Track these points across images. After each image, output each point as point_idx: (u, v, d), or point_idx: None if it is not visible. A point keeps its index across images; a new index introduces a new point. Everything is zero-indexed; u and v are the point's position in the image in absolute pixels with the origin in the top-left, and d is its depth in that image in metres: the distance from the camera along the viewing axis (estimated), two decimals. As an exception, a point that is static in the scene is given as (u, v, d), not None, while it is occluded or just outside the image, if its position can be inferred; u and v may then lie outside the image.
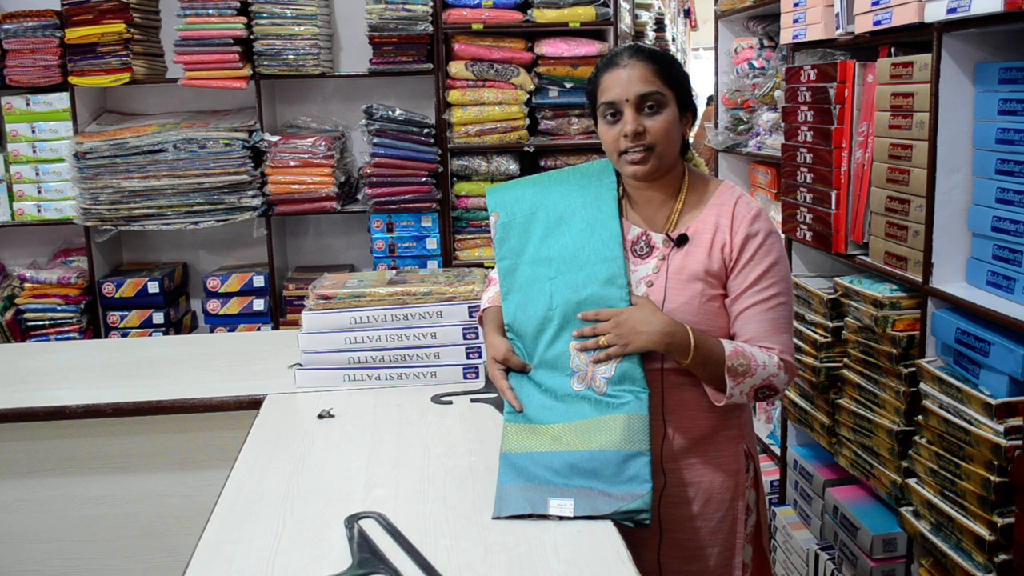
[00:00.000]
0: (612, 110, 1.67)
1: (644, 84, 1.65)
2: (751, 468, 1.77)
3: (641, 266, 1.71)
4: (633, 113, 1.65)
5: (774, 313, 1.65)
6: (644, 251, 1.72)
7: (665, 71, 1.66)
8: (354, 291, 2.24)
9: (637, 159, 1.66)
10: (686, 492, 1.70)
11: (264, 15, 3.71)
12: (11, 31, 3.71)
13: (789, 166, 2.71)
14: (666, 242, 1.71)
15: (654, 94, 1.65)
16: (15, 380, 2.41)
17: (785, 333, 1.67)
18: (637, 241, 1.74)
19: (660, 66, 1.67)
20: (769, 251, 1.67)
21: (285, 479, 1.74)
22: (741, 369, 1.60)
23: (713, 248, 1.68)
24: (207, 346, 2.73)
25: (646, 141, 1.65)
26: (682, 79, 1.70)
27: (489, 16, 3.71)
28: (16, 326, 3.88)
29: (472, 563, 1.41)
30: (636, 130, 1.64)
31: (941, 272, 2.08)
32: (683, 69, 1.72)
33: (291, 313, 3.92)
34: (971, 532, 1.87)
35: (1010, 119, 1.88)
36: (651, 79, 1.65)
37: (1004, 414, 1.80)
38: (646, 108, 1.65)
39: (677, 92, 1.68)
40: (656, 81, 1.65)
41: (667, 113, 1.66)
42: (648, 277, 1.70)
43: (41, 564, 2.28)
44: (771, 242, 1.68)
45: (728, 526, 1.72)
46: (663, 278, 1.68)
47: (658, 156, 1.66)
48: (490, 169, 3.86)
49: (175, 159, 3.73)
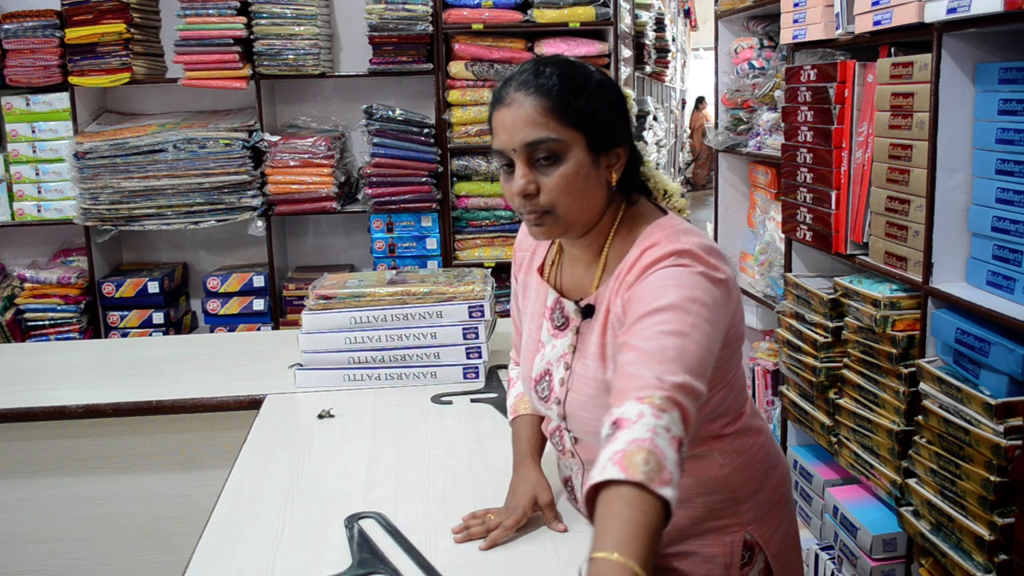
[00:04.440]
0: (504, 161, 1.31)
1: (532, 128, 1.26)
2: (759, 560, 1.43)
3: (560, 340, 1.41)
4: (524, 167, 1.28)
5: (654, 341, 1.13)
6: (560, 322, 1.41)
7: (561, 107, 1.26)
8: (354, 291, 2.24)
9: (534, 221, 1.31)
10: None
11: (264, 15, 3.71)
12: (11, 31, 3.71)
13: (789, 166, 2.71)
14: (576, 312, 1.39)
15: (544, 142, 1.26)
16: (15, 380, 2.41)
17: (665, 363, 1.10)
18: (554, 309, 1.43)
19: (554, 101, 1.26)
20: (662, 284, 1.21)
21: (285, 479, 1.74)
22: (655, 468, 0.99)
23: (608, 323, 1.32)
24: (207, 346, 2.73)
25: (541, 203, 1.29)
26: (589, 113, 1.28)
27: (489, 16, 3.71)
28: (16, 326, 3.88)
29: (472, 563, 1.41)
30: (524, 190, 1.28)
31: (941, 272, 2.08)
32: (596, 96, 1.30)
33: (291, 313, 3.92)
34: (971, 532, 1.87)
35: (1010, 119, 1.88)
36: (541, 120, 1.26)
37: (1004, 414, 1.80)
38: (539, 160, 1.27)
39: (585, 131, 1.28)
40: (549, 123, 1.26)
41: (568, 165, 1.27)
42: (565, 356, 1.38)
43: (41, 564, 2.28)
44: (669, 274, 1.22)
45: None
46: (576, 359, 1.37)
47: (560, 219, 1.30)
48: (490, 169, 3.86)
49: (175, 159, 3.73)
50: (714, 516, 1.39)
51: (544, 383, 1.43)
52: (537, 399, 1.46)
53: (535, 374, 1.45)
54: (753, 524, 1.42)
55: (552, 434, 1.49)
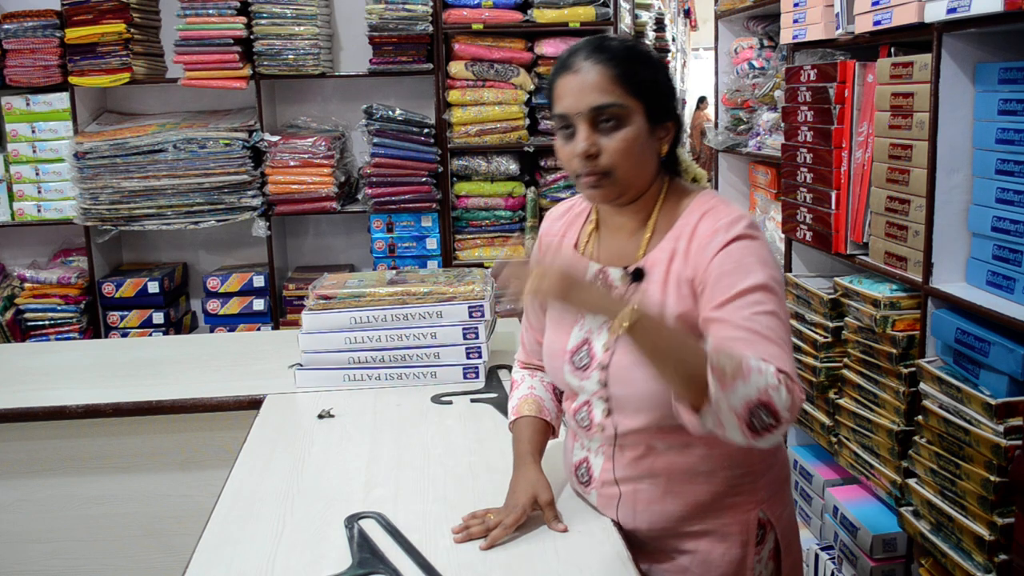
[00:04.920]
0: (564, 124, 1.38)
1: (599, 94, 1.34)
2: (770, 539, 1.49)
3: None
4: (587, 129, 1.36)
5: (755, 323, 1.26)
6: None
7: (628, 76, 1.35)
8: (354, 291, 2.24)
9: (592, 183, 1.38)
10: (682, 561, 1.47)
11: (264, 15, 3.71)
12: (11, 31, 3.71)
13: (789, 166, 2.71)
14: (624, 278, 1.42)
15: (610, 107, 1.35)
16: (15, 380, 2.41)
17: (776, 344, 1.25)
18: (595, 279, 1.45)
19: (622, 70, 1.35)
20: (740, 258, 1.32)
21: (285, 479, 1.74)
22: (729, 368, 1.16)
23: (668, 284, 1.38)
24: (207, 346, 2.73)
25: (601, 164, 1.36)
26: (652, 84, 1.38)
27: (489, 16, 3.71)
28: (16, 326, 3.88)
29: (472, 563, 1.41)
30: (587, 151, 1.35)
31: (941, 272, 2.08)
32: (657, 70, 1.40)
33: (291, 313, 3.92)
34: (971, 532, 1.87)
35: (1010, 119, 1.88)
36: (609, 87, 1.35)
37: (1004, 414, 1.80)
38: (602, 123, 1.36)
39: (646, 101, 1.37)
40: (616, 89, 1.35)
41: (629, 129, 1.36)
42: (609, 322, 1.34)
43: (41, 564, 2.28)
44: (746, 248, 1.33)
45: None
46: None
47: (617, 181, 1.38)
48: (490, 169, 3.87)
49: (175, 159, 3.73)
50: (734, 491, 1.44)
51: (583, 351, 1.46)
52: (572, 370, 1.48)
53: (571, 345, 1.48)
54: (766, 503, 1.47)
55: (577, 411, 1.50)
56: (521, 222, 3.92)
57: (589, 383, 1.45)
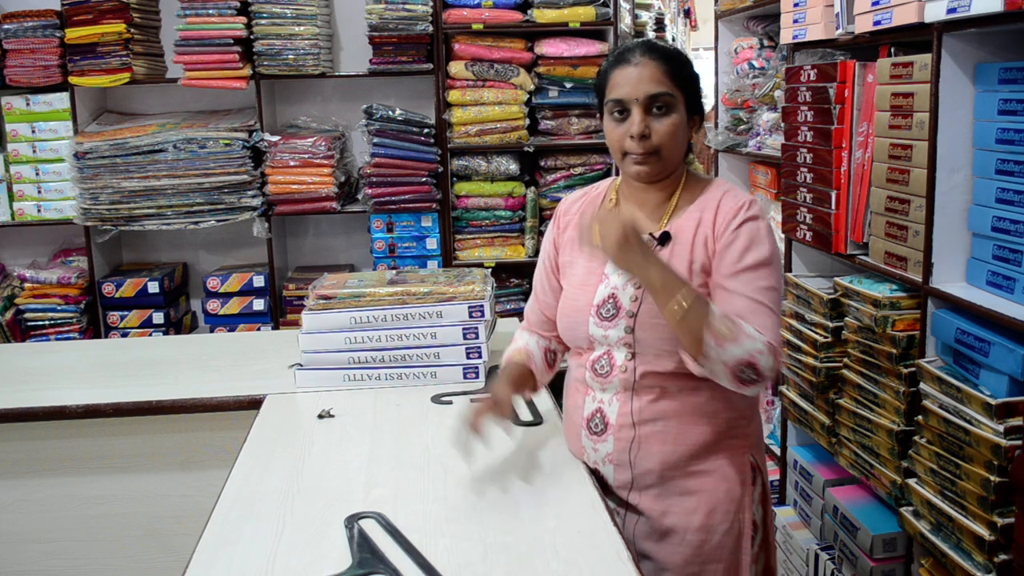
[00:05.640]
0: (619, 108, 1.63)
1: (655, 84, 1.60)
2: (759, 483, 1.71)
3: None
4: (641, 113, 1.60)
5: (758, 295, 1.56)
6: None
7: (677, 71, 1.62)
8: (354, 291, 2.24)
9: (640, 161, 1.62)
10: (691, 501, 1.65)
11: (264, 15, 3.71)
12: (11, 31, 3.71)
13: (789, 166, 2.71)
14: (650, 241, 1.64)
15: (664, 95, 1.60)
16: (15, 380, 2.41)
17: (769, 317, 1.56)
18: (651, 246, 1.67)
19: (673, 66, 1.62)
20: (753, 237, 1.60)
21: (285, 479, 1.74)
22: (726, 332, 1.49)
23: (695, 244, 1.63)
24: (207, 346, 2.73)
25: (652, 143, 1.61)
26: (693, 81, 1.65)
27: (489, 16, 3.71)
28: (16, 326, 3.88)
29: (472, 563, 1.41)
30: (642, 132, 1.60)
31: (941, 272, 2.08)
32: (694, 70, 1.67)
33: (291, 313, 3.92)
34: (971, 532, 1.87)
35: (1010, 119, 1.88)
36: (662, 79, 1.60)
37: (1004, 414, 1.80)
38: (654, 109, 1.61)
39: (687, 94, 1.64)
40: (667, 82, 1.61)
41: (675, 115, 1.62)
42: (635, 279, 1.64)
43: (41, 564, 2.28)
44: (756, 229, 1.61)
45: (733, 541, 1.66)
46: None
47: (662, 159, 1.63)
48: (490, 169, 3.87)
49: (175, 159, 3.73)
50: (731, 433, 1.67)
51: (609, 305, 1.68)
52: (599, 322, 1.68)
53: (597, 300, 1.69)
54: (754, 448, 1.72)
55: (596, 361, 1.69)
56: (521, 222, 3.92)
57: (615, 331, 1.66)
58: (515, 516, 1.55)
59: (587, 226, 1.55)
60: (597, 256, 1.64)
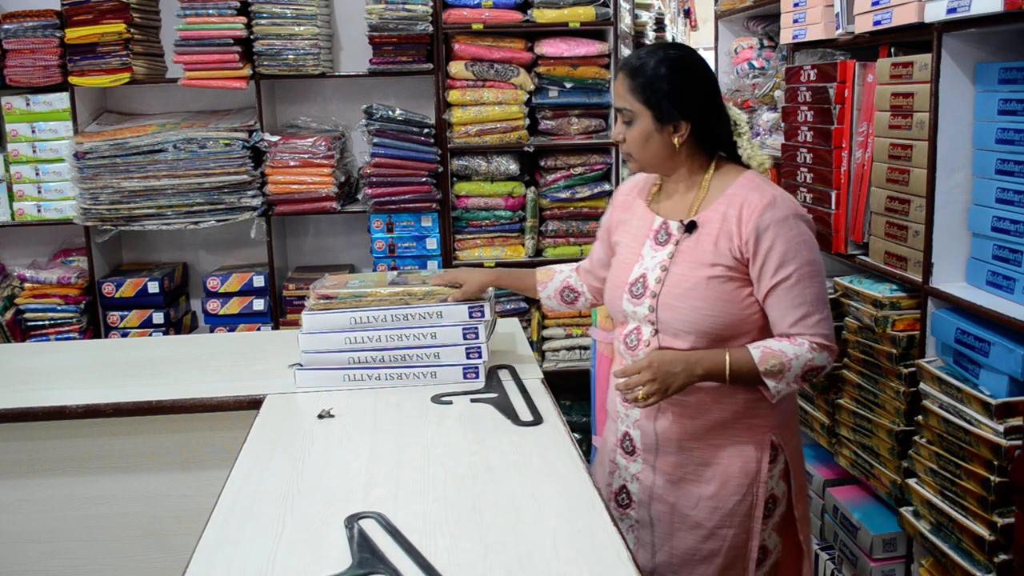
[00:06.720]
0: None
1: (619, 99, 1.81)
2: (780, 460, 1.84)
3: (660, 252, 1.84)
4: (619, 122, 1.84)
5: (794, 292, 1.72)
6: (663, 238, 1.84)
7: (640, 87, 1.77)
8: (355, 291, 2.24)
9: (624, 158, 1.89)
10: (705, 472, 1.81)
11: (264, 15, 3.71)
12: (11, 31, 3.71)
13: (789, 166, 2.71)
14: (679, 229, 1.82)
15: (623, 110, 1.81)
16: (15, 380, 2.41)
17: (810, 312, 1.72)
18: (659, 230, 1.86)
19: (635, 82, 1.78)
20: (779, 235, 1.71)
21: (285, 479, 1.74)
22: (776, 369, 1.71)
23: (719, 237, 1.76)
24: (207, 346, 2.73)
25: (625, 148, 1.85)
26: (663, 95, 1.76)
27: (489, 16, 3.71)
28: (16, 326, 3.88)
29: (472, 563, 1.41)
30: (616, 138, 1.86)
31: (941, 272, 2.08)
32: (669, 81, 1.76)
33: (291, 313, 3.92)
34: (971, 532, 1.87)
35: (1010, 119, 1.88)
36: (624, 95, 1.80)
37: (1004, 414, 1.80)
38: (624, 120, 1.82)
39: (653, 108, 1.77)
40: (627, 97, 1.79)
41: (638, 127, 1.79)
42: (663, 262, 1.81)
43: (41, 564, 2.28)
44: (785, 225, 1.72)
45: (745, 510, 1.81)
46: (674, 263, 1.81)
47: (636, 161, 1.85)
48: (490, 169, 3.86)
49: (175, 159, 3.72)
50: (749, 413, 1.80)
51: (639, 284, 1.85)
52: (630, 298, 1.86)
53: (631, 279, 1.87)
54: (777, 429, 1.83)
55: (627, 336, 1.87)
56: (521, 222, 3.92)
57: (641, 309, 1.83)
58: (515, 516, 1.55)
59: (626, 395, 1.75)
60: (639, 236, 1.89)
